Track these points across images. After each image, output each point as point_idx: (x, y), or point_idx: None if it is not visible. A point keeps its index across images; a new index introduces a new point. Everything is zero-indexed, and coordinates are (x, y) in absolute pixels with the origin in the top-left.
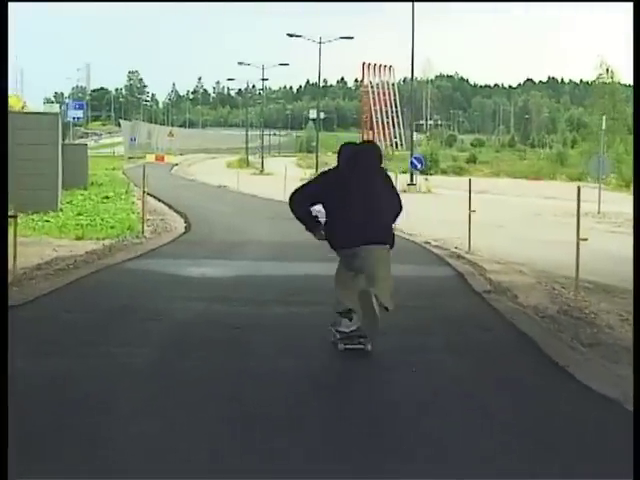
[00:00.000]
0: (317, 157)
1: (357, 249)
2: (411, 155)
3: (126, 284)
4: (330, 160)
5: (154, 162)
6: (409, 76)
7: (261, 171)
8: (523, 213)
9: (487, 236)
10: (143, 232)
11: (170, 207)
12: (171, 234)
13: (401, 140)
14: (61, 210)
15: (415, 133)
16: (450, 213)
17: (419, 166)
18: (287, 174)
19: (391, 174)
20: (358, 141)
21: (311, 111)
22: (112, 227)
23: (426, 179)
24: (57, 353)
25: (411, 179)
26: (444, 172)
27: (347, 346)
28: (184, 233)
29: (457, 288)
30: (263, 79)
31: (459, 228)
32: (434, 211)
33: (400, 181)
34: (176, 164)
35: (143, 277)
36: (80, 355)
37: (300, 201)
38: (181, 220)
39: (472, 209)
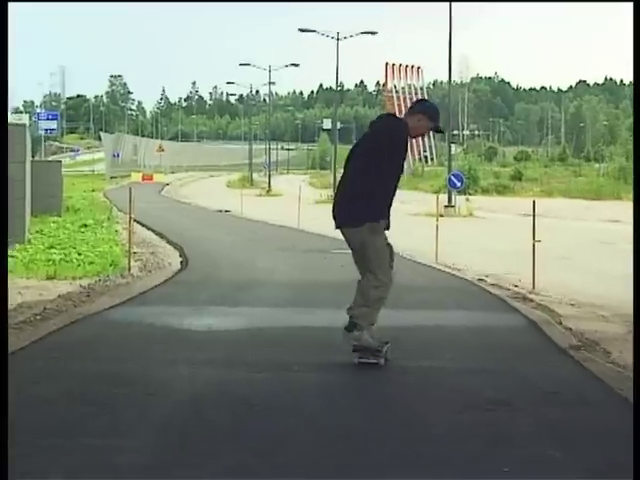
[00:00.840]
0: (334, 174)
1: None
2: (449, 171)
3: (109, 342)
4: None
5: (141, 182)
6: (439, 78)
7: (268, 191)
8: (588, 241)
9: (551, 270)
10: (130, 269)
11: (162, 237)
12: (164, 272)
13: (431, 153)
14: (29, 242)
15: (447, 143)
16: (500, 242)
17: (459, 185)
18: (300, 195)
19: (421, 194)
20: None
21: (325, 121)
22: (91, 263)
23: (467, 199)
24: (16, 446)
25: (449, 200)
26: (485, 191)
27: (361, 359)
28: (180, 270)
29: (535, 343)
30: (269, 83)
31: (514, 260)
32: (481, 239)
33: (433, 202)
34: (167, 184)
35: (131, 332)
36: (45, 450)
37: None
38: (176, 254)
39: (536, 238)
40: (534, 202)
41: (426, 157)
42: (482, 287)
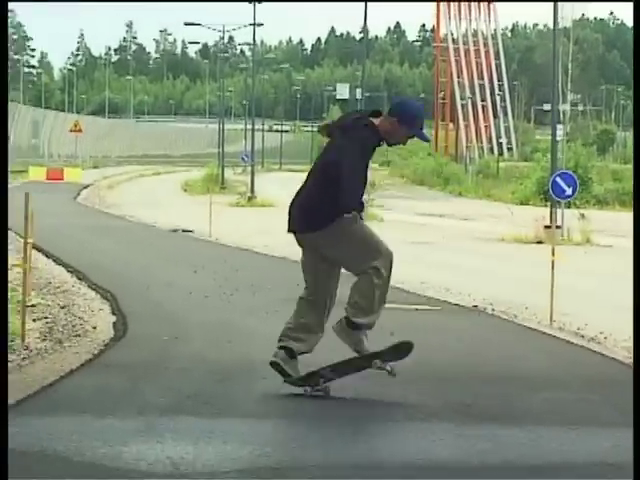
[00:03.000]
0: None
1: None
2: (552, 170)
3: None
4: (379, 178)
5: (45, 181)
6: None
7: (250, 199)
8: None
9: None
10: (24, 338)
11: (81, 278)
12: (85, 343)
13: (509, 140)
14: None
15: (533, 125)
16: None
17: (569, 192)
18: None
19: (497, 206)
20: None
21: (340, 86)
22: None
23: (582, 216)
24: None
25: (551, 217)
26: (601, 202)
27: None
28: (113, 341)
29: None
30: (254, 23)
31: None
32: (614, 285)
33: (519, 219)
34: (86, 185)
35: (25, 474)
36: None
37: None
38: (105, 308)
39: None
40: None
41: (501, 145)
42: None
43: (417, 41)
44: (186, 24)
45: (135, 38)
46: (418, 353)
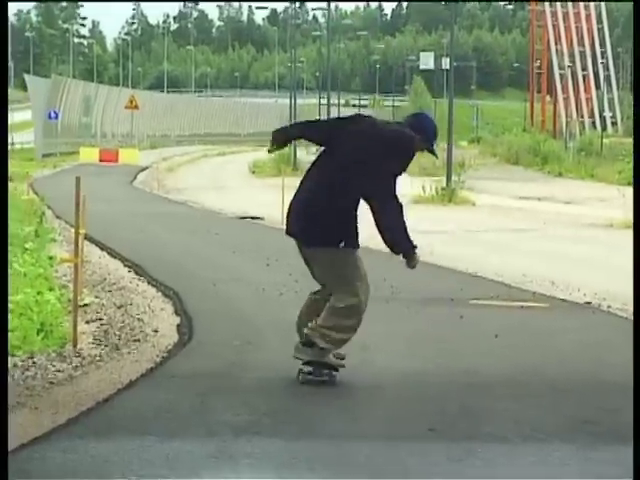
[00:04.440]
0: (450, 150)
1: None
2: None
3: None
4: (469, 157)
5: (97, 163)
6: None
7: None
8: None
9: None
10: (76, 343)
11: (139, 272)
12: (145, 349)
13: (613, 113)
14: None
15: None
16: None
17: None
18: None
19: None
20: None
21: (424, 55)
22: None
23: None
24: None
25: None
26: None
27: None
28: (177, 347)
29: None
30: None
31: None
32: None
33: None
34: (144, 167)
35: None
36: None
37: None
38: (167, 307)
39: None
40: None
41: (604, 120)
42: None
43: (509, 2)
44: None
45: (197, 4)
46: (528, 360)
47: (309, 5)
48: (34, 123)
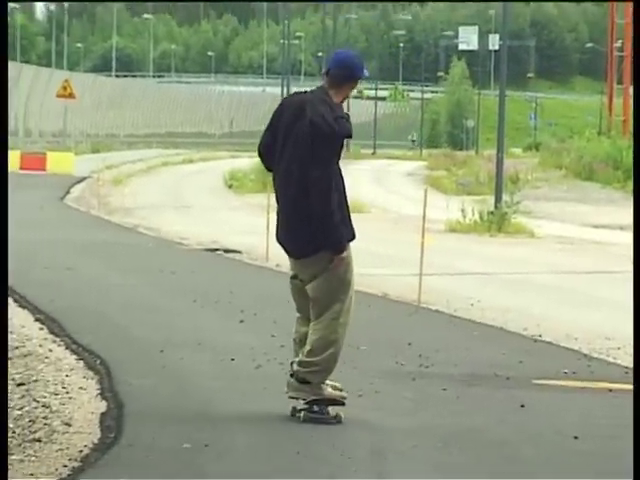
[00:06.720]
0: (500, 160)
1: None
2: None
3: None
4: (525, 169)
5: (17, 172)
6: None
7: None
8: None
9: None
10: None
11: (54, 330)
12: (46, 457)
13: None
14: None
15: None
16: None
17: None
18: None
19: None
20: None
21: (464, 31)
22: None
23: None
24: None
25: None
26: None
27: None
28: (96, 451)
29: None
30: None
31: None
32: None
33: None
34: (80, 179)
35: None
36: None
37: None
38: (89, 385)
39: None
40: None
41: None
42: None
43: None
44: None
45: None
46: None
47: None
48: None
